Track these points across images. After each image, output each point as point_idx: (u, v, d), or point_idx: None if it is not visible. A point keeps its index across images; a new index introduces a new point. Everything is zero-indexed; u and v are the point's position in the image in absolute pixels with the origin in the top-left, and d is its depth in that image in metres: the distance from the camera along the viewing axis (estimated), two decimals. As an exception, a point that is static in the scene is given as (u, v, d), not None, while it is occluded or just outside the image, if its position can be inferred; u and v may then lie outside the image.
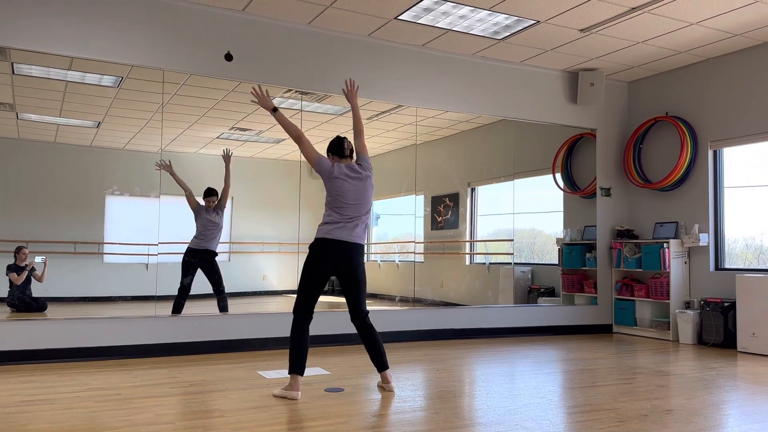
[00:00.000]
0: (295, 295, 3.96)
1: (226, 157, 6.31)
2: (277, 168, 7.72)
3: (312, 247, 3.92)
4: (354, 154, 4.08)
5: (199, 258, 6.19)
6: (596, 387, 4.23)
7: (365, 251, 4.03)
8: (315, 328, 5.60)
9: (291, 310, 3.98)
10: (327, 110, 6.63)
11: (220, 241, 6.36)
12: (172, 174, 6.04)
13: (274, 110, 3.98)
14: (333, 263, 3.87)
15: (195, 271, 6.18)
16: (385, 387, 3.99)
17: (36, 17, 4.94)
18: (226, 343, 5.50)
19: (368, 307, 4.05)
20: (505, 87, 6.94)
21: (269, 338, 5.66)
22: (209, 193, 6.29)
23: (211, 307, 6.22)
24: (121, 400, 3.66)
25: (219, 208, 6.32)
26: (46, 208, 6.61)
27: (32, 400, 3.62)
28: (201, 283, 6.17)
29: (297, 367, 3.80)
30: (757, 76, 6.29)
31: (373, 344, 3.95)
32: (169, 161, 5.95)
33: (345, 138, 4.08)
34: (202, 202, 6.28)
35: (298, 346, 3.84)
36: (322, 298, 4.05)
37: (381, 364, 3.98)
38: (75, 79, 5.71)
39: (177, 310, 5.89)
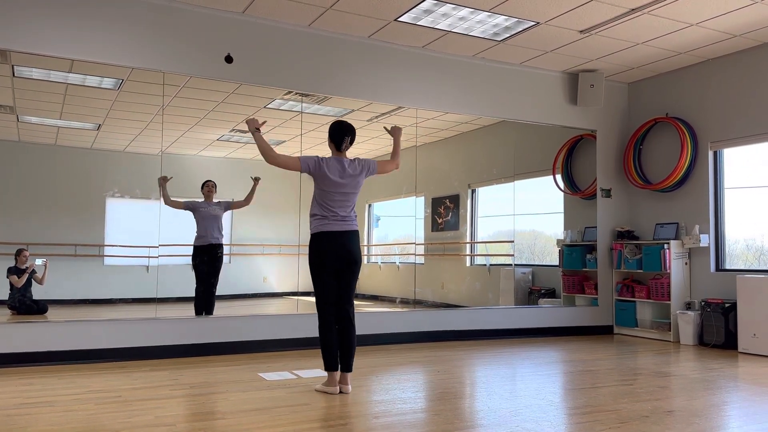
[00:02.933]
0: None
1: (256, 179, 6.38)
2: (277, 170, 7.71)
3: (311, 243, 3.98)
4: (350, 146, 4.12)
5: (205, 256, 6.18)
6: (597, 388, 4.23)
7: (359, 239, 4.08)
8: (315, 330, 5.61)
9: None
10: (327, 112, 6.63)
11: (222, 242, 6.36)
12: (164, 187, 5.96)
13: (257, 130, 4.03)
14: (334, 254, 3.93)
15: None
16: (341, 388, 3.97)
17: (36, 20, 4.94)
18: (227, 345, 5.49)
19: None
20: (505, 88, 6.94)
21: (270, 340, 5.65)
22: (205, 183, 6.28)
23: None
24: (122, 402, 3.66)
25: (227, 206, 6.33)
26: (46, 210, 6.61)
27: (32, 403, 3.62)
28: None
29: (330, 365, 3.95)
30: (758, 76, 6.29)
31: (348, 343, 3.99)
32: (166, 177, 5.88)
33: (347, 129, 4.06)
34: (196, 198, 6.25)
35: (327, 345, 3.96)
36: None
37: (346, 365, 3.99)
38: (75, 82, 5.71)
39: (200, 311, 5.99)
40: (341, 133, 4.05)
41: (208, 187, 6.27)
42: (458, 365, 5.07)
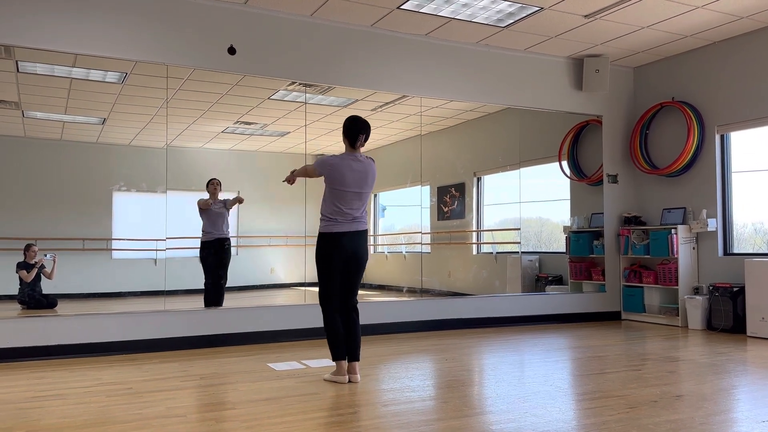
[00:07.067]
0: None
1: (239, 200, 6.58)
2: (283, 161, 7.72)
3: (319, 241, 4.00)
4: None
5: (213, 249, 6.24)
6: (605, 374, 4.23)
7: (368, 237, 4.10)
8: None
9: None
10: (331, 102, 6.61)
11: (230, 236, 6.41)
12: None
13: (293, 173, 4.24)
14: (340, 255, 3.95)
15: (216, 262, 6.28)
16: (350, 378, 4.01)
17: (39, 15, 4.94)
18: (235, 336, 5.52)
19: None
20: (509, 75, 6.90)
21: (278, 330, 5.68)
22: (210, 181, 6.32)
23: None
24: (133, 394, 3.69)
25: (225, 205, 6.36)
26: (53, 205, 6.64)
27: (44, 396, 3.66)
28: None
29: (338, 355, 3.98)
30: (764, 58, 6.23)
31: (355, 334, 4.04)
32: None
33: (362, 126, 3.97)
34: (203, 195, 6.29)
35: (334, 335, 3.99)
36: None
37: (354, 355, 4.03)
38: (79, 76, 5.72)
39: (210, 305, 6.03)
40: (356, 131, 3.96)
41: (213, 185, 6.29)
42: (466, 353, 5.08)
